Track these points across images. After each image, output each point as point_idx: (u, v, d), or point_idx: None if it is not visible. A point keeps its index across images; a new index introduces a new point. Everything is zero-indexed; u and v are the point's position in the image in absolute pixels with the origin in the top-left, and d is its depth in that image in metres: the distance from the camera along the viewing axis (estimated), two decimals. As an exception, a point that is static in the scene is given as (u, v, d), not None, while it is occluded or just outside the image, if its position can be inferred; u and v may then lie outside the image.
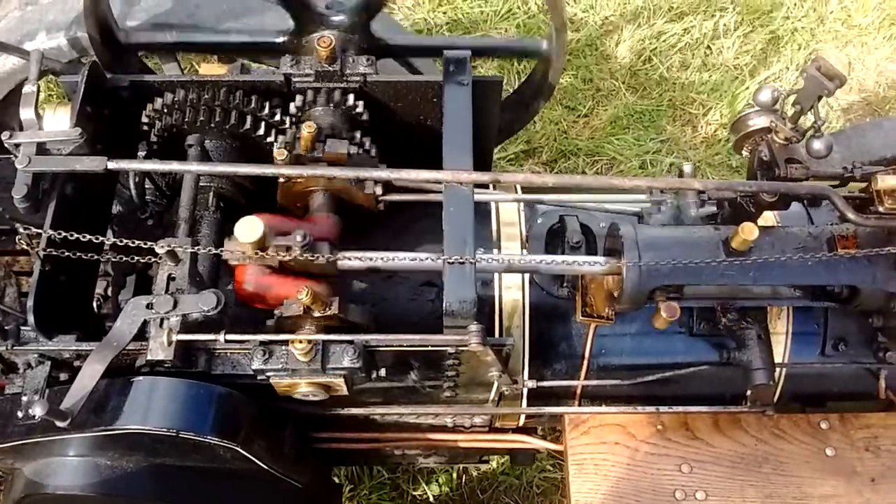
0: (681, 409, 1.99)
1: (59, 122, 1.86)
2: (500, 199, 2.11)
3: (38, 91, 1.81)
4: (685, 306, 1.89)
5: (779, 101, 1.86)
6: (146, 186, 2.06)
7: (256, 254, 1.64)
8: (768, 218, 2.02)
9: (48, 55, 2.13)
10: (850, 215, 1.69)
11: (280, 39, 2.09)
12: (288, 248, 1.65)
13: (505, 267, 1.81)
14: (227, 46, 2.19)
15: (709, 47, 3.92)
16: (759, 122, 1.89)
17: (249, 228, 1.61)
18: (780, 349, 1.99)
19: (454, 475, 3.07)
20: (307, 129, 1.76)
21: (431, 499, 3.04)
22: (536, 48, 2.15)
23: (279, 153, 1.77)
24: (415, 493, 3.05)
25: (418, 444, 2.29)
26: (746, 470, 1.93)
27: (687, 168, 2.01)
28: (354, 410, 2.01)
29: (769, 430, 1.98)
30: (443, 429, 2.22)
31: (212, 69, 2.13)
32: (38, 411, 1.50)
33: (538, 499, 3.05)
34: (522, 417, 2.18)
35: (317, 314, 1.69)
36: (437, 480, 3.07)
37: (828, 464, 1.94)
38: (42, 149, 1.75)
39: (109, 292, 1.98)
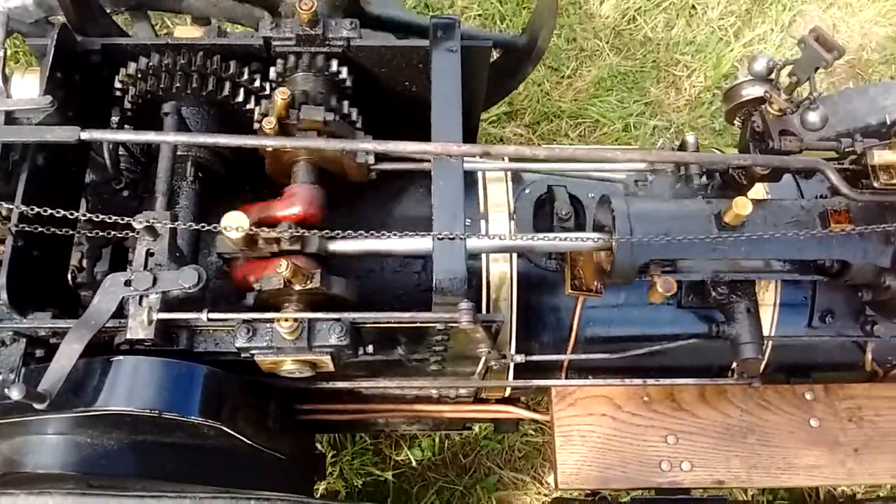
0: (667, 381, 2.00)
1: (27, 88, 1.78)
2: (488, 168, 2.07)
3: (5, 56, 1.72)
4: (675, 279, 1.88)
5: (773, 70, 1.83)
6: (120, 154, 1.98)
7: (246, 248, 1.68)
8: (758, 189, 2.00)
9: (13, 15, 2.02)
10: (845, 190, 1.68)
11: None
12: (277, 241, 1.67)
13: (497, 247, 1.78)
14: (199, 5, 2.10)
15: (693, 7, 3.85)
16: (752, 91, 1.86)
17: (235, 224, 1.61)
18: (767, 320, 1.99)
19: (437, 440, 3.08)
20: (280, 96, 1.69)
21: (414, 463, 3.05)
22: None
23: (267, 123, 1.70)
24: (397, 458, 3.05)
25: (403, 413, 2.27)
26: (732, 441, 1.95)
27: (690, 139, 1.96)
28: (339, 384, 1.99)
29: (755, 401, 1.99)
30: (428, 399, 2.20)
31: (187, 32, 2.04)
32: (15, 395, 1.45)
33: (520, 462, 3.08)
34: (508, 389, 2.17)
35: (298, 287, 1.65)
36: (419, 445, 3.08)
37: (812, 434, 1.96)
38: (11, 118, 1.67)
39: (84, 264, 1.92)
